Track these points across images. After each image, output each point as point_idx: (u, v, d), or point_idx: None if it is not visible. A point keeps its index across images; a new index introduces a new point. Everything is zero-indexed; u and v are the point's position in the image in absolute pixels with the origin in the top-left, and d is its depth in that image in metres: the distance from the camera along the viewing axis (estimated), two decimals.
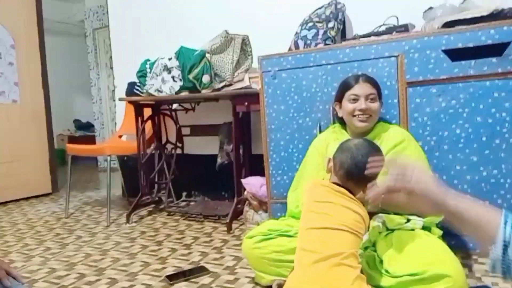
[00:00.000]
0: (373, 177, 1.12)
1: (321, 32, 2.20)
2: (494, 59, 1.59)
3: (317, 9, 2.31)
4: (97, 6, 5.47)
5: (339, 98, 1.61)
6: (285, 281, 1.22)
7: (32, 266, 1.88)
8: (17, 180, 3.40)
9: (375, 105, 1.50)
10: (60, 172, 3.96)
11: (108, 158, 2.54)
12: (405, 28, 2.00)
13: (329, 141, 1.63)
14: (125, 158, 3.16)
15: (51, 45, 4.18)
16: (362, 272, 1.11)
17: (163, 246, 2.07)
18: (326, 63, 1.91)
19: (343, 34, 2.34)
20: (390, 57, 1.77)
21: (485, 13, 1.73)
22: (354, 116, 1.52)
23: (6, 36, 3.39)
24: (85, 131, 6.77)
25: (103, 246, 2.13)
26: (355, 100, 1.52)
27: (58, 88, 5.17)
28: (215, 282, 1.60)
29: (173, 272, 1.70)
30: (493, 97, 1.59)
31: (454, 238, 1.57)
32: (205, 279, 1.63)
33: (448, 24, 1.80)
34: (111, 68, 3.65)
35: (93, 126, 6.07)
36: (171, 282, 1.60)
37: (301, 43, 2.23)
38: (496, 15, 1.71)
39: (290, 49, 2.28)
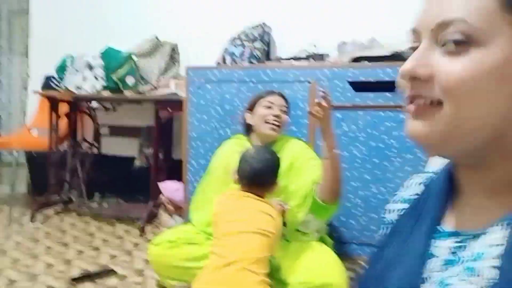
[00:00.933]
0: (274, 182, 1.28)
1: (247, 51, 2.34)
2: (388, 94, 1.86)
3: (246, 28, 2.46)
4: None
5: (251, 106, 1.63)
6: (187, 286, 1.30)
7: None
8: None
9: (285, 116, 1.58)
10: None
11: (16, 153, 2.39)
12: (321, 57, 2.25)
13: (233, 153, 1.58)
14: (34, 153, 2.98)
15: None
16: (271, 276, 1.22)
17: (70, 248, 2.01)
18: (249, 81, 2.05)
19: (267, 55, 2.51)
20: (304, 81, 1.96)
21: (387, 53, 2.01)
22: (266, 122, 1.54)
23: None
24: None
25: (2, 246, 2.00)
26: (270, 107, 1.56)
27: None
28: (122, 284, 1.61)
29: (79, 275, 1.67)
30: (385, 125, 1.86)
31: (343, 247, 1.79)
32: (112, 281, 1.63)
33: (356, 59, 2.06)
34: (27, 57, 3.42)
35: None
36: (75, 284, 1.58)
37: (228, 58, 2.35)
38: (396, 56, 2.00)
39: (218, 63, 2.39)
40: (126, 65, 2.41)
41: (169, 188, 2.27)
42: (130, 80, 2.40)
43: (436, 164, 0.55)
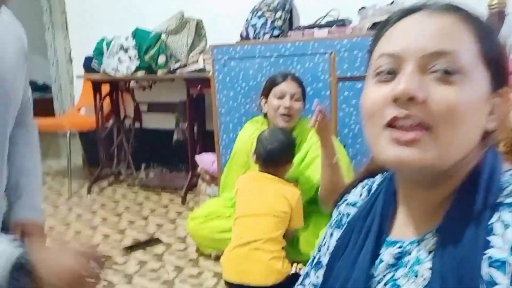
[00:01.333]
0: (288, 161, 1.39)
1: (269, 21, 2.36)
2: None
3: None
4: None
5: (265, 93, 1.72)
6: (221, 253, 1.50)
7: None
8: None
9: (298, 104, 1.64)
10: None
11: (68, 133, 2.66)
12: (342, 23, 2.22)
13: (252, 136, 1.72)
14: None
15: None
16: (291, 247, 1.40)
17: (123, 218, 2.29)
18: (270, 55, 2.09)
19: (290, 24, 2.50)
20: (324, 53, 1.98)
21: None
22: (277, 113, 1.62)
23: None
24: (42, 93, 6.63)
25: (66, 218, 2.32)
26: (281, 97, 1.63)
27: None
28: (168, 251, 1.85)
29: (131, 244, 1.93)
30: None
31: None
32: (159, 249, 1.88)
33: (376, 24, 2.02)
34: (67, 30, 3.61)
35: (49, 87, 5.96)
36: (129, 252, 1.84)
37: (251, 30, 2.39)
38: None
39: (241, 35, 2.43)
40: (156, 45, 2.52)
41: (206, 160, 2.45)
42: (161, 59, 2.52)
43: None
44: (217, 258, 1.71)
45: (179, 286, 1.55)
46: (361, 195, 0.64)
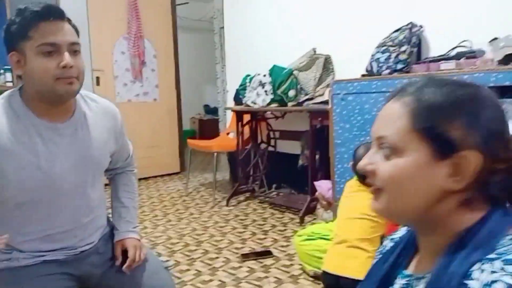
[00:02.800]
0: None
1: (393, 56, 2.41)
2: None
3: (393, 32, 2.50)
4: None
5: None
6: (320, 272, 1.68)
7: (156, 233, 2.66)
8: (154, 161, 4.40)
9: None
10: (187, 152, 4.88)
11: (215, 154, 3.22)
12: (473, 55, 2.11)
13: None
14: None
15: (185, 40, 5.06)
16: None
17: (247, 230, 2.65)
18: (386, 91, 2.16)
19: (418, 55, 2.49)
20: None
21: None
22: None
23: (150, 48, 4.34)
24: (212, 115, 7.84)
25: (205, 223, 2.82)
26: None
27: (190, 78, 6.18)
28: (275, 265, 2.10)
29: (247, 252, 2.25)
30: None
31: None
32: (268, 261, 2.14)
33: (508, 56, 1.88)
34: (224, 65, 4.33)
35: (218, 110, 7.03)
36: (244, 260, 2.16)
37: (374, 65, 2.48)
38: None
39: (366, 69, 2.55)
40: (288, 80, 2.86)
41: (323, 187, 2.62)
42: (291, 93, 2.84)
43: None
44: (316, 278, 1.87)
45: None
46: (401, 233, 0.78)
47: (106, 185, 1.21)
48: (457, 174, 0.55)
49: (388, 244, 0.79)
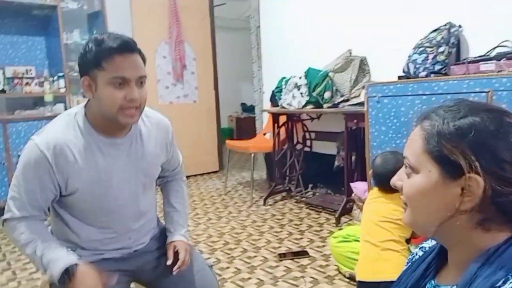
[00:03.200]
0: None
1: (430, 57, 2.39)
2: None
3: (431, 33, 2.47)
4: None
5: None
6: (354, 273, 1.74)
7: (198, 231, 2.80)
8: (195, 160, 4.57)
9: None
10: (225, 151, 5.03)
11: (252, 155, 3.31)
12: None
13: None
14: None
15: (222, 39, 5.18)
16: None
17: (284, 229, 2.73)
18: (422, 94, 2.16)
19: (458, 56, 2.45)
20: (480, 92, 1.92)
21: None
22: None
23: (190, 51, 4.51)
24: (249, 113, 7.97)
25: (244, 222, 2.93)
26: None
27: (227, 76, 6.31)
28: (311, 265, 2.16)
29: (284, 252, 2.33)
30: None
31: None
32: (305, 261, 2.21)
33: None
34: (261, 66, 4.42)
35: (254, 109, 7.12)
36: (281, 259, 2.25)
37: (411, 66, 2.47)
38: None
39: (403, 70, 2.53)
40: (323, 82, 2.89)
41: (359, 188, 2.64)
42: (327, 95, 2.88)
43: None
44: (352, 279, 1.92)
45: None
46: (431, 243, 0.84)
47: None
48: (467, 195, 0.59)
49: (417, 252, 0.85)
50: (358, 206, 2.69)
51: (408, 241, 1.64)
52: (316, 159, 3.42)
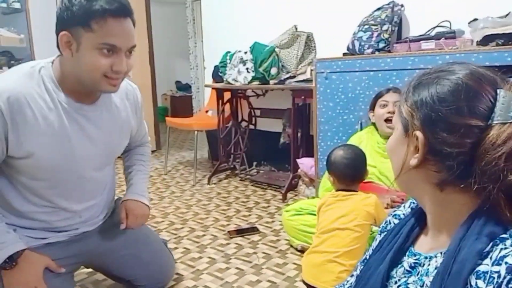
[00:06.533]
0: (362, 174, 1.53)
1: (375, 34, 2.44)
2: None
3: (375, 11, 2.52)
4: None
5: (372, 106, 2.02)
6: (307, 246, 1.71)
7: None
8: None
9: None
10: (164, 130, 4.78)
11: (196, 132, 3.19)
12: (453, 35, 2.18)
13: (363, 139, 2.01)
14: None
15: (155, 12, 4.85)
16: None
17: (231, 207, 2.68)
18: (369, 70, 2.20)
19: (399, 35, 2.53)
20: (424, 69, 1.99)
21: None
22: (384, 121, 1.91)
23: None
24: (184, 92, 7.70)
25: (188, 201, 2.82)
26: (385, 105, 1.93)
27: (161, 53, 5.98)
28: (262, 240, 2.14)
29: (233, 229, 2.29)
30: None
31: None
32: (255, 237, 2.19)
33: (487, 38, 1.95)
34: (202, 41, 4.22)
35: (190, 87, 6.89)
36: (231, 237, 2.20)
37: (356, 43, 2.51)
38: None
39: (348, 47, 2.57)
40: (270, 58, 2.84)
41: (305, 164, 2.67)
42: (273, 71, 2.83)
43: None
44: (303, 251, 1.93)
45: (265, 271, 1.82)
46: (405, 211, 0.82)
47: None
48: (416, 152, 0.62)
49: (391, 220, 0.83)
50: (304, 182, 2.73)
51: None
52: (261, 136, 3.40)
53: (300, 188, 2.76)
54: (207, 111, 3.68)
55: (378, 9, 2.52)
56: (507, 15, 2.00)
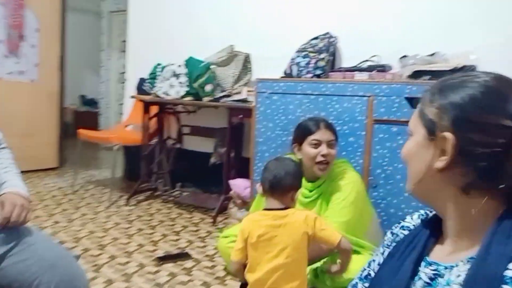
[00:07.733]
0: (295, 186, 1.36)
1: (313, 61, 2.52)
2: None
3: (313, 39, 2.62)
4: None
5: (299, 141, 1.66)
6: None
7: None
8: (26, 153, 3.69)
9: (334, 151, 1.62)
10: (72, 145, 4.23)
11: (116, 147, 2.88)
12: (383, 69, 2.34)
13: None
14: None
15: (70, 22, 4.41)
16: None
17: (156, 231, 2.42)
18: (310, 93, 2.24)
19: (332, 65, 2.65)
20: (363, 96, 2.10)
21: (447, 68, 2.06)
22: (315, 163, 1.60)
23: (33, 20, 3.68)
24: (89, 107, 7.05)
25: (105, 225, 2.48)
26: (317, 145, 1.59)
27: (69, 63, 5.42)
28: (196, 267, 1.95)
29: (162, 255, 2.05)
30: None
31: None
32: (189, 263, 1.99)
33: (416, 73, 2.13)
34: (123, 51, 3.91)
35: (97, 103, 6.34)
36: (161, 263, 1.96)
37: (294, 68, 2.55)
38: (455, 71, 2.04)
39: (285, 72, 2.60)
40: (205, 74, 2.73)
41: (239, 185, 2.57)
42: (208, 88, 2.73)
43: None
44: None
45: None
46: (415, 222, 0.76)
47: None
48: (443, 154, 0.61)
49: (398, 232, 0.78)
50: (235, 204, 2.61)
51: None
52: (186, 156, 3.21)
53: (231, 210, 2.63)
54: (126, 126, 3.37)
55: (315, 38, 2.62)
56: (433, 54, 2.23)
